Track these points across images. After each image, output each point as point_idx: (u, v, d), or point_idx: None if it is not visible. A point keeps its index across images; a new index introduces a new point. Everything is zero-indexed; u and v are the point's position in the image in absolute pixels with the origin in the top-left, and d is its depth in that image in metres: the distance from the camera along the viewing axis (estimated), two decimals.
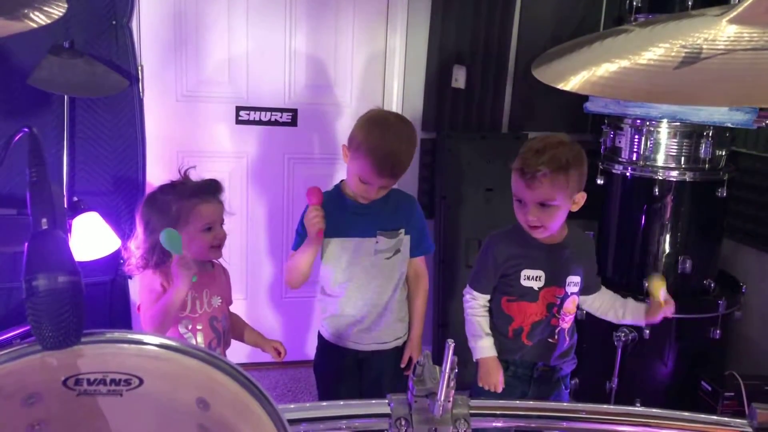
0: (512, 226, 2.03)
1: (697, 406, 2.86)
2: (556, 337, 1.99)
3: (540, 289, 1.96)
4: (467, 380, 2.18)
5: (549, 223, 1.89)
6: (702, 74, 0.64)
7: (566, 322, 1.99)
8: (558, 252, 1.97)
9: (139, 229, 1.90)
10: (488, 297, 2.03)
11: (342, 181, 2.14)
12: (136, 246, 1.89)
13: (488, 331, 2.00)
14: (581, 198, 1.90)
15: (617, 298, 2.12)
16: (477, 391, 2.04)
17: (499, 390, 1.96)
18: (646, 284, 2.01)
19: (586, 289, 2.05)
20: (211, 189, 1.92)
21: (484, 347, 1.98)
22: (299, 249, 2.04)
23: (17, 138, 0.72)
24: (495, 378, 1.96)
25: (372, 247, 2.06)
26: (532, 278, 1.96)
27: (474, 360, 2.00)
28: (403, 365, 2.19)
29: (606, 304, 2.11)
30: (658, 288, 1.96)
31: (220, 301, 1.96)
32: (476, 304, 2.03)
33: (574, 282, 1.98)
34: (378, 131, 1.97)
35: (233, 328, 2.08)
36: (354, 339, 2.13)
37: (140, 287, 1.92)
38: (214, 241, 1.90)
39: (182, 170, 1.95)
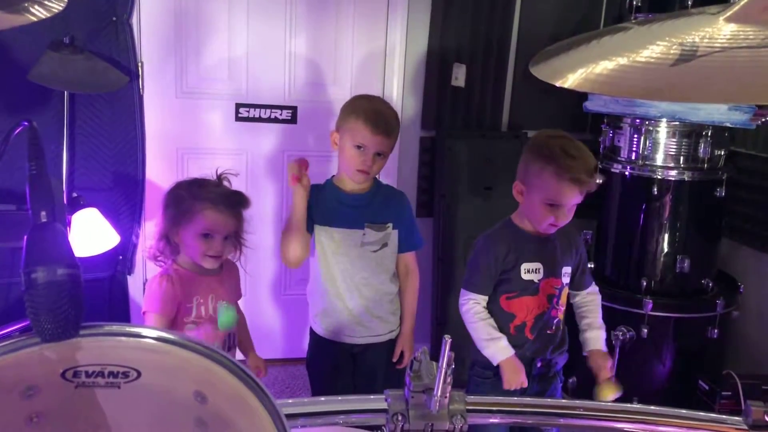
0: (500, 224, 2.06)
1: (695, 405, 2.86)
2: (553, 328, 2.01)
3: (540, 281, 1.97)
4: (463, 378, 2.18)
5: (570, 219, 1.94)
6: (699, 72, 0.64)
7: (561, 313, 2.03)
8: (550, 243, 1.99)
9: (159, 213, 1.93)
10: (487, 298, 2.02)
11: (333, 176, 2.17)
12: (155, 229, 1.93)
13: (499, 331, 1.98)
14: None
15: (590, 314, 2.09)
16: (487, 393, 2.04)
17: (526, 385, 1.95)
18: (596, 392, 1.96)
19: (575, 284, 2.07)
20: (227, 200, 1.89)
21: (503, 347, 1.95)
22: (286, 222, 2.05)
23: (17, 132, 0.72)
24: (521, 375, 1.94)
25: (359, 239, 2.09)
26: (531, 271, 1.97)
27: (495, 364, 1.96)
28: (394, 359, 2.20)
29: (581, 310, 2.10)
30: (607, 395, 1.94)
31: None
32: (479, 308, 2.00)
33: (567, 273, 2.01)
34: (364, 98, 2.18)
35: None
36: (348, 333, 2.14)
37: (146, 292, 1.92)
38: (209, 251, 1.87)
39: (218, 173, 1.95)
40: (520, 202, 1.99)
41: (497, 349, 1.96)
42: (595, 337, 2.04)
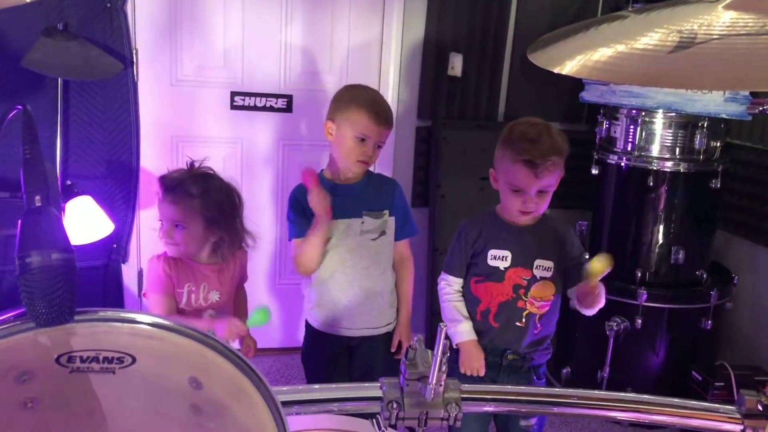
0: (485, 211, 2.06)
1: (688, 395, 2.84)
2: (523, 320, 1.97)
3: (506, 269, 1.96)
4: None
5: (542, 207, 1.93)
6: (697, 59, 0.64)
7: (537, 308, 1.97)
8: (527, 234, 1.97)
9: None
10: (461, 281, 2.04)
11: (322, 170, 2.16)
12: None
13: (466, 314, 2.01)
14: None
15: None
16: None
17: (482, 374, 1.96)
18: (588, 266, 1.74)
19: (572, 280, 2.01)
20: (170, 188, 1.88)
21: (464, 331, 1.98)
22: (309, 233, 2.01)
23: (10, 116, 0.71)
24: (477, 362, 1.96)
25: (358, 228, 2.08)
26: (498, 258, 1.97)
27: (454, 346, 1.99)
28: (393, 350, 2.20)
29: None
30: (597, 272, 1.73)
31: (218, 296, 1.95)
32: (451, 290, 2.04)
33: (543, 266, 1.96)
34: (360, 88, 2.15)
35: (236, 307, 2.10)
36: (346, 325, 2.13)
37: (145, 273, 1.96)
38: (164, 237, 1.88)
39: (188, 162, 1.96)
40: (495, 188, 2.00)
41: (456, 331, 1.98)
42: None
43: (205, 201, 1.88)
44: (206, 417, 0.70)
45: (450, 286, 2.04)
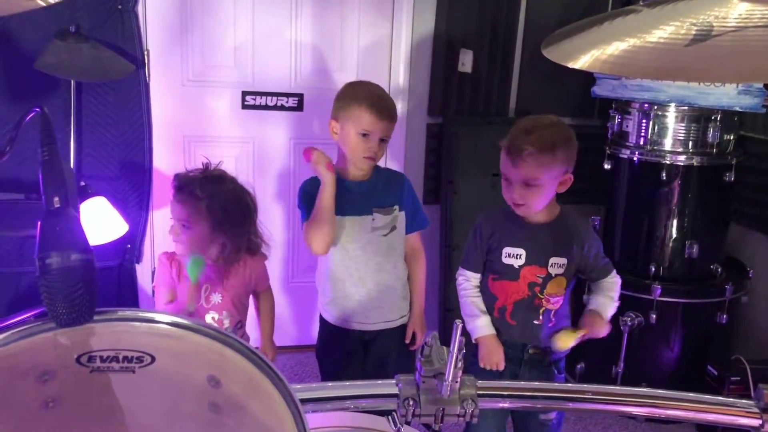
0: (502, 206, 2.05)
1: (703, 390, 2.84)
2: (541, 318, 1.98)
3: (520, 267, 1.96)
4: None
5: (532, 202, 1.91)
6: (712, 51, 0.64)
7: (552, 304, 1.98)
8: (542, 232, 1.97)
9: None
10: (479, 276, 2.05)
11: None
12: None
13: (484, 309, 2.02)
14: (568, 180, 1.92)
15: (599, 290, 2.05)
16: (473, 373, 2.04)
17: (501, 368, 1.97)
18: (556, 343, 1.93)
19: (589, 277, 2.05)
20: (179, 188, 1.91)
21: (482, 326, 1.99)
22: (317, 200, 2.01)
23: (28, 118, 0.72)
24: (496, 356, 1.97)
25: (369, 225, 2.09)
26: (512, 256, 1.97)
27: (473, 340, 2.00)
28: (407, 341, 2.21)
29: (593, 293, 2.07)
30: (565, 343, 1.93)
31: (220, 298, 1.96)
32: (469, 285, 2.05)
33: (558, 264, 1.96)
34: (360, 84, 2.17)
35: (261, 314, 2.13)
36: (360, 319, 2.14)
37: (156, 270, 2.01)
38: (172, 234, 1.92)
39: (203, 162, 1.99)
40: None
41: (475, 326, 2.00)
42: (599, 303, 2.00)
43: (212, 204, 1.88)
44: (225, 415, 0.71)
45: (468, 281, 2.05)
